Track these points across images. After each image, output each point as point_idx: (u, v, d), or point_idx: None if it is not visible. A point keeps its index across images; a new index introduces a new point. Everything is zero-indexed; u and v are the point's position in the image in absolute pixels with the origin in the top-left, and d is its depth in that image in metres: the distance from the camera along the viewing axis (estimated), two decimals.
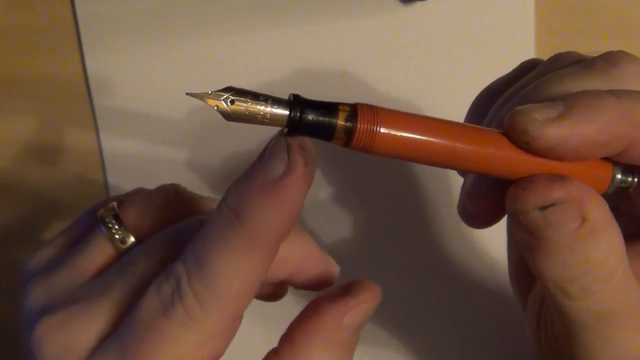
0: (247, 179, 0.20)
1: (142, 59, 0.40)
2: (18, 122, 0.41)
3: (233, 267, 0.20)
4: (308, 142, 0.20)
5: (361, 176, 0.42)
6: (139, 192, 0.26)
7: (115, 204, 0.25)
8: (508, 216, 0.22)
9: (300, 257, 0.24)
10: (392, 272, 0.43)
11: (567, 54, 0.24)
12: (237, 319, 0.21)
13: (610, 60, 0.22)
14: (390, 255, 0.43)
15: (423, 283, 0.43)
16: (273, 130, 0.20)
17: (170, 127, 0.41)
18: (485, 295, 0.42)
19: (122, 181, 0.41)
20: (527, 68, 0.26)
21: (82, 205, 0.42)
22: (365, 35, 0.40)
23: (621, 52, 0.22)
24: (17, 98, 0.41)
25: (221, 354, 0.21)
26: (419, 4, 0.40)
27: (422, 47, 0.40)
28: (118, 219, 0.24)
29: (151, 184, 0.41)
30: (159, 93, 0.41)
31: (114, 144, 0.41)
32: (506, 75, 0.27)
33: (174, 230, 0.23)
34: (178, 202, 0.25)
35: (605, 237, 0.20)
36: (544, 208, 0.20)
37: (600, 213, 0.20)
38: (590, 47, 0.40)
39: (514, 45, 0.40)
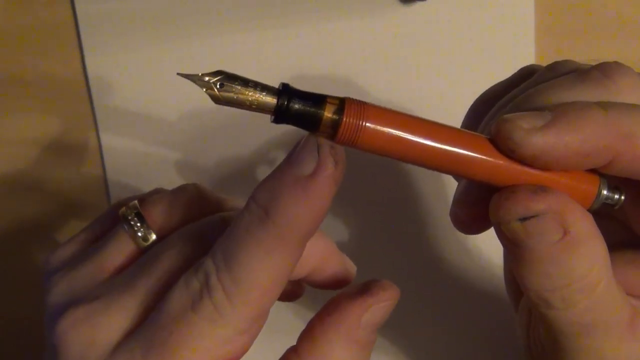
0: (276, 176, 0.20)
1: (142, 59, 0.40)
2: (18, 122, 0.41)
3: (261, 263, 0.20)
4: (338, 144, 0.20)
5: (358, 178, 0.42)
6: (160, 191, 0.27)
7: (136, 202, 0.25)
8: (493, 225, 0.22)
9: (320, 255, 0.24)
10: (388, 275, 0.43)
11: (564, 63, 0.24)
12: (263, 315, 0.21)
13: (605, 71, 0.22)
14: (385, 257, 0.43)
15: (419, 285, 0.43)
16: (272, 130, 0.20)
17: (169, 126, 0.41)
18: (481, 297, 0.42)
19: (121, 179, 0.41)
20: (525, 75, 0.26)
21: (83, 204, 0.42)
22: (365, 35, 0.40)
23: (616, 63, 0.22)
24: (18, 98, 0.41)
25: (246, 349, 0.22)
26: (419, 4, 0.40)
27: (422, 47, 0.40)
28: (140, 216, 0.24)
29: (150, 182, 0.41)
30: (159, 92, 0.41)
31: (114, 143, 0.41)
32: (503, 82, 0.27)
33: (196, 227, 0.23)
34: (199, 201, 0.26)
35: (588, 249, 0.20)
36: (524, 219, 0.20)
37: (582, 226, 0.20)
38: (590, 49, 0.40)
39: (514, 46, 0.40)
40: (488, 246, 0.42)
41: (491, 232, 0.24)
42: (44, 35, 0.40)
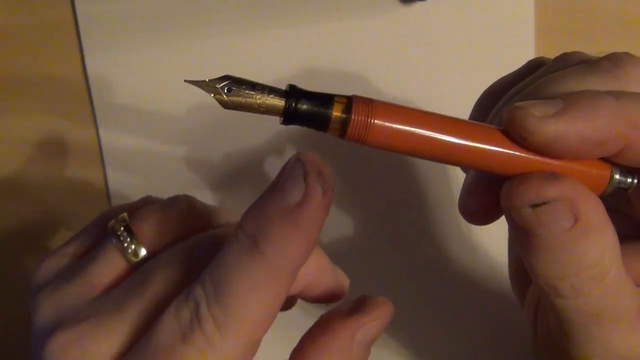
0: (263, 205, 0.20)
1: (141, 59, 0.40)
2: (18, 122, 0.41)
3: (252, 295, 0.19)
4: (326, 167, 0.20)
5: (361, 176, 0.42)
6: (149, 203, 0.26)
7: (125, 215, 0.24)
8: (503, 212, 0.22)
9: (313, 272, 0.24)
10: (391, 272, 0.43)
11: (573, 54, 0.24)
12: (255, 345, 0.21)
13: (615, 61, 0.22)
14: (389, 255, 0.43)
15: (422, 283, 0.43)
16: (271, 128, 0.20)
17: (169, 125, 0.41)
18: (485, 296, 0.42)
19: (122, 179, 0.41)
20: (533, 67, 0.26)
21: (83, 203, 0.42)
22: (365, 35, 0.40)
23: (627, 53, 0.22)
24: (17, 98, 0.41)
25: None
26: (419, 4, 0.40)
27: (422, 47, 0.40)
28: (129, 231, 0.24)
29: (150, 182, 0.41)
30: (159, 92, 0.41)
31: (114, 142, 0.41)
32: (511, 74, 0.27)
33: (186, 247, 0.23)
34: (191, 215, 0.25)
35: (599, 237, 0.20)
36: (535, 206, 0.20)
37: (594, 213, 0.20)
38: (590, 48, 0.40)
39: (514, 46, 0.40)
40: (490, 245, 0.42)
41: (493, 232, 0.24)
42: (44, 35, 0.40)
